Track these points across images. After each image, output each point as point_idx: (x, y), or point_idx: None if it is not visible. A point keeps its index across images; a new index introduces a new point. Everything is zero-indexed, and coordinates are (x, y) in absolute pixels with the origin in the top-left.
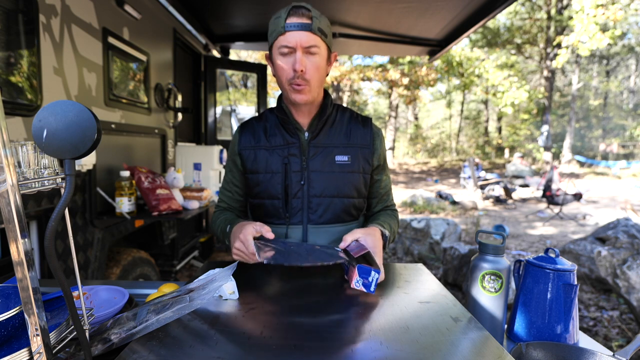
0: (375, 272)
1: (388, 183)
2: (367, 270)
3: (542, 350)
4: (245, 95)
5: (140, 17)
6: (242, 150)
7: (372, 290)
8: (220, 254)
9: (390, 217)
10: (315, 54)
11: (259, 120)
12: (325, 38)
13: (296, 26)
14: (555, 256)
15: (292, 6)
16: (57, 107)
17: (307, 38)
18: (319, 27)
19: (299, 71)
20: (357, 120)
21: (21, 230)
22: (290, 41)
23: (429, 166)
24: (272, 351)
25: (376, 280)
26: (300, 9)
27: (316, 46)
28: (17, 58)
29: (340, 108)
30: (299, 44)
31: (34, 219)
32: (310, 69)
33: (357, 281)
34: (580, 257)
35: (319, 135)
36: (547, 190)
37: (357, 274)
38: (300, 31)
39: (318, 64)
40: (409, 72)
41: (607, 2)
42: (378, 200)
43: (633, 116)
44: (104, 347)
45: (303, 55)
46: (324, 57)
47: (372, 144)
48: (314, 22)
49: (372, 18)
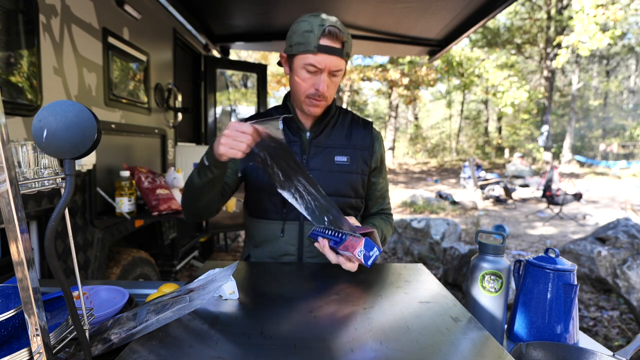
0: (377, 249)
1: (385, 186)
2: (372, 245)
3: (542, 350)
4: (245, 95)
5: (140, 17)
6: None
7: (369, 264)
8: (220, 254)
9: (384, 222)
10: (337, 76)
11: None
12: (348, 59)
13: (329, 50)
14: (555, 256)
15: (328, 25)
16: (57, 107)
17: (336, 63)
18: (347, 51)
19: (322, 92)
20: (358, 122)
21: (21, 230)
22: (321, 63)
23: (429, 166)
24: (272, 351)
25: (375, 258)
26: (334, 29)
27: (341, 70)
28: (17, 58)
29: (342, 111)
30: (327, 67)
31: (34, 219)
32: (331, 88)
33: (360, 251)
34: (580, 257)
35: (320, 136)
36: (547, 190)
37: (362, 244)
38: (332, 55)
39: (337, 82)
40: (409, 72)
41: (607, 2)
42: (374, 203)
43: (633, 116)
44: (104, 347)
45: (328, 76)
46: (342, 76)
47: (372, 146)
48: (345, 47)
49: (372, 18)
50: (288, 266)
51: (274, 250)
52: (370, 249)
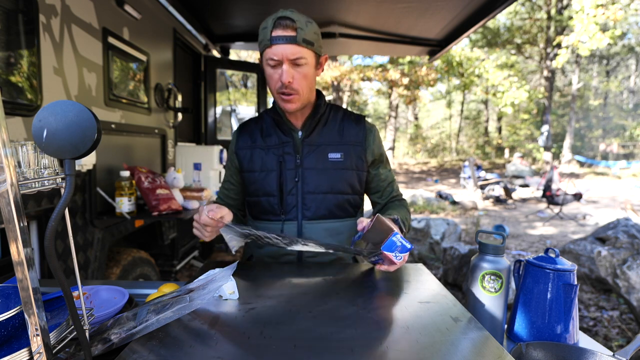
0: (393, 236)
1: (389, 175)
2: (391, 243)
3: (542, 350)
4: (245, 95)
5: (140, 17)
6: (239, 150)
7: (409, 247)
8: (220, 254)
9: (398, 206)
10: (302, 65)
11: (256, 122)
12: (312, 47)
13: (281, 39)
14: (555, 256)
15: (277, 17)
16: (57, 107)
17: (292, 50)
18: (304, 38)
19: (286, 83)
20: (350, 118)
21: (21, 230)
22: (277, 54)
23: (429, 166)
24: (272, 351)
25: (402, 238)
26: (285, 20)
27: (302, 57)
28: (17, 58)
29: (333, 107)
30: (284, 57)
31: (34, 219)
32: (298, 79)
33: (395, 256)
34: (580, 257)
35: (312, 134)
36: (547, 190)
37: (389, 254)
38: (285, 44)
39: (305, 72)
40: (409, 72)
41: (607, 2)
42: (382, 194)
43: (633, 116)
44: (104, 347)
45: (290, 67)
46: (311, 65)
47: (365, 140)
48: (298, 33)
49: (372, 18)
50: (288, 266)
51: (275, 250)
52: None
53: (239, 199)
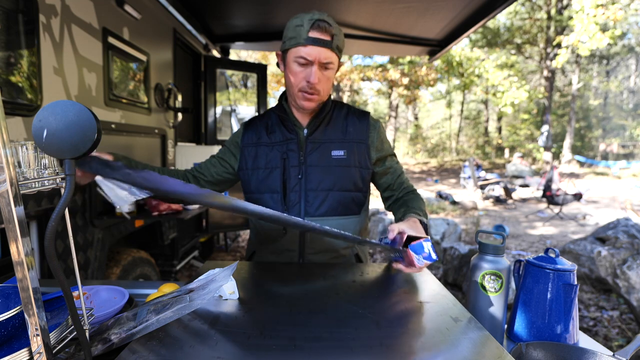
0: (425, 241)
1: (398, 167)
2: (420, 246)
3: (542, 350)
4: (245, 95)
5: (140, 17)
6: (245, 147)
7: (434, 258)
8: (220, 254)
9: (417, 200)
10: (329, 69)
11: (262, 119)
12: (340, 53)
13: (318, 42)
14: (555, 256)
15: (316, 19)
16: (57, 107)
17: (326, 54)
18: (337, 45)
19: (314, 83)
20: (354, 115)
21: (21, 230)
22: (310, 54)
23: (429, 166)
24: (272, 351)
25: (432, 247)
26: (323, 23)
27: (332, 62)
28: (17, 58)
29: (337, 105)
30: (317, 59)
31: (34, 219)
32: (323, 81)
33: (418, 260)
34: (580, 257)
35: (316, 132)
36: (547, 190)
37: (413, 254)
38: (321, 47)
39: (329, 76)
40: (409, 72)
41: (607, 2)
42: (395, 187)
43: (633, 116)
44: (104, 347)
45: (318, 68)
46: (335, 70)
47: (368, 137)
48: (334, 40)
49: (372, 18)
50: (288, 266)
51: (277, 247)
52: (422, 249)
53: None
